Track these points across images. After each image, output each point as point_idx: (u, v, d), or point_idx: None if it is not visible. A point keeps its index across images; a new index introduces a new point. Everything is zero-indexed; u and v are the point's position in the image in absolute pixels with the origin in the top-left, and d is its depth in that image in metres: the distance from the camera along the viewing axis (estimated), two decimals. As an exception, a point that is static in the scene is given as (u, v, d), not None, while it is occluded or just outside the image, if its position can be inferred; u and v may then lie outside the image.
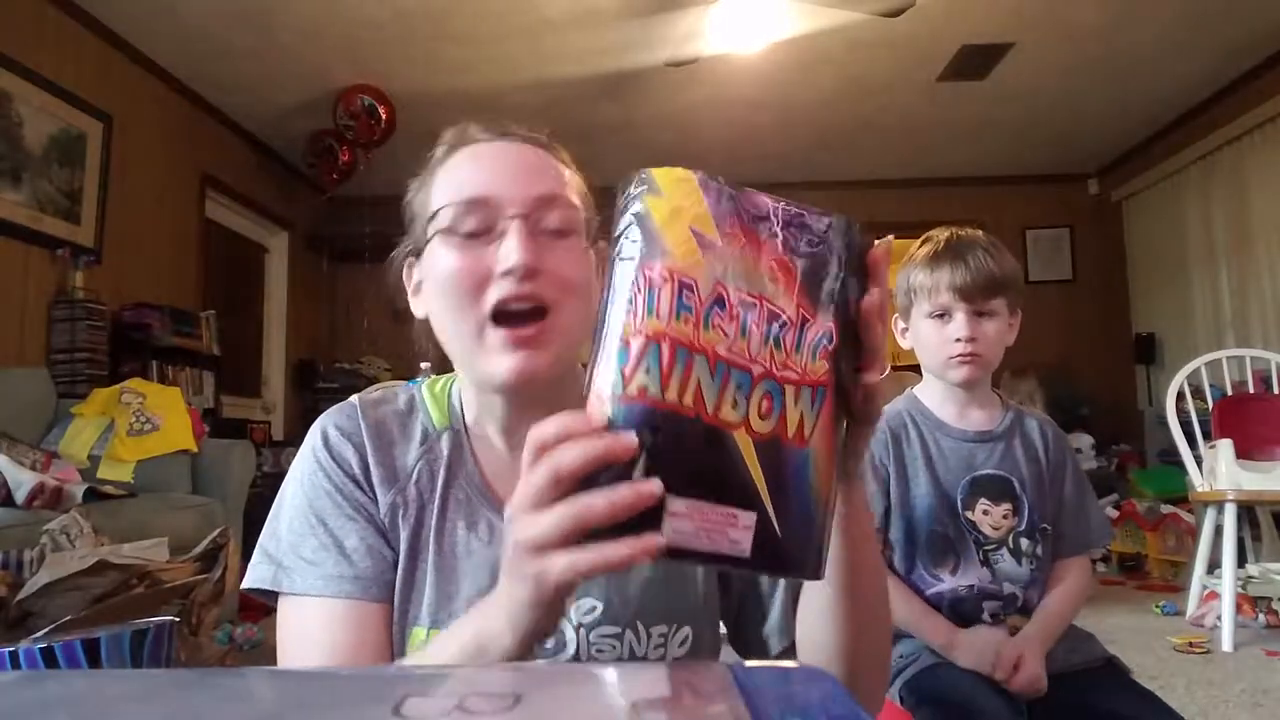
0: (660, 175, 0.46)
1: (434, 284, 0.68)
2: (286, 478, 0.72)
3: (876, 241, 0.49)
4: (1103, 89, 4.62)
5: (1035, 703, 1.09)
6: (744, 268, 0.45)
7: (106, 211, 3.76)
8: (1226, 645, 2.49)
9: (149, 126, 4.12)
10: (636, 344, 0.43)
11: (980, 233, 1.24)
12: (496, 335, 0.64)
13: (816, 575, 0.47)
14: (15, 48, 3.26)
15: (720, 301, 0.44)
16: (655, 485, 0.42)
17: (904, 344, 1.27)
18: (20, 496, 2.31)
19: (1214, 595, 2.75)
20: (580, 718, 0.24)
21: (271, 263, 5.54)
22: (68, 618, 1.52)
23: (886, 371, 0.49)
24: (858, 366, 0.48)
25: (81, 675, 0.34)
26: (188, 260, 4.45)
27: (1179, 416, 2.92)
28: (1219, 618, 2.59)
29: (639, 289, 0.44)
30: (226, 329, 4.43)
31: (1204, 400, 3.09)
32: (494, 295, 0.64)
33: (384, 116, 4.38)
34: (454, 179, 0.68)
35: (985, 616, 1.17)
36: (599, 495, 0.42)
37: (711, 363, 0.43)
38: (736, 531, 0.44)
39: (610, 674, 0.29)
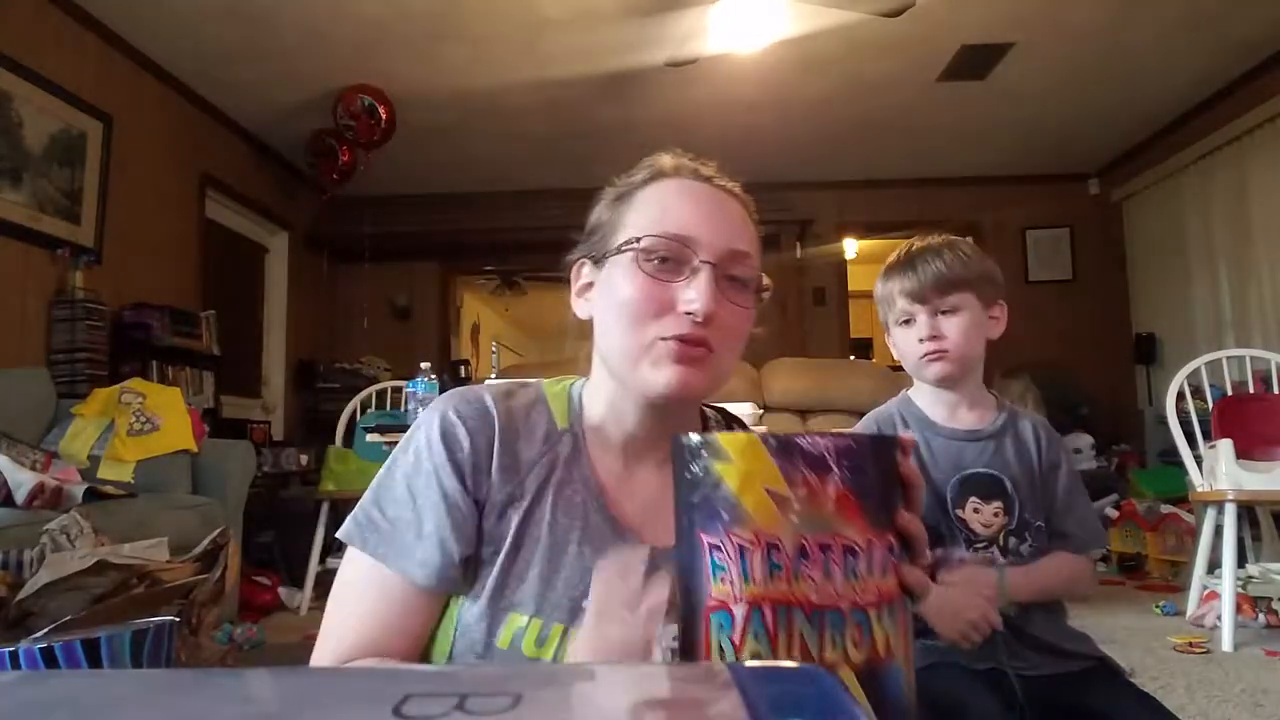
0: (727, 442, 0.47)
1: (613, 298, 0.73)
2: (399, 445, 0.76)
3: (903, 446, 0.51)
4: (1103, 89, 4.62)
5: (1029, 703, 1.09)
6: (815, 513, 0.46)
7: (106, 211, 3.76)
8: (1226, 645, 2.49)
9: (149, 126, 4.12)
10: (740, 611, 0.46)
11: (945, 238, 1.25)
12: (666, 346, 0.70)
13: None
14: (15, 48, 3.26)
15: (804, 552, 0.46)
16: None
17: (894, 353, 1.31)
18: (20, 496, 2.31)
19: (1214, 595, 2.75)
20: (580, 718, 0.24)
21: (271, 263, 5.53)
22: (68, 618, 1.52)
23: (929, 559, 0.55)
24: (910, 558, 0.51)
25: (81, 675, 0.34)
26: (188, 260, 4.45)
27: (1179, 416, 2.92)
28: (1219, 618, 2.59)
29: (730, 557, 0.46)
30: (226, 329, 4.43)
31: (1204, 400, 3.08)
32: (671, 328, 0.70)
33: (384, 116, 4.38)
34: (660, 206, 0.74)
35: None
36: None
37: (808, 612, 0.45)
38: None
39: (610, 674, 0.29)
